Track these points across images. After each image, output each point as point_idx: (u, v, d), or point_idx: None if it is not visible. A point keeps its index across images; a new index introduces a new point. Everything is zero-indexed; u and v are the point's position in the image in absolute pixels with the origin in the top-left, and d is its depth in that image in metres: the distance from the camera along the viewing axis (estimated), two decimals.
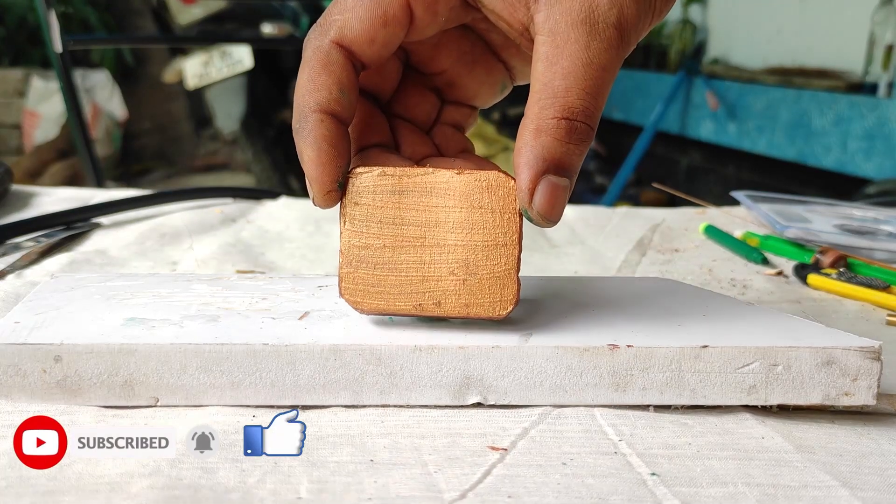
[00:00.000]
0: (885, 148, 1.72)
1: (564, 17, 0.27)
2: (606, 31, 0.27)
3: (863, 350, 0.29)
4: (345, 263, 0.29)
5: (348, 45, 0.28)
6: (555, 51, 0.27)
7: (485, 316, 0.29)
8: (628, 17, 0.27)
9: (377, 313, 0.30)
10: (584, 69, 0.26)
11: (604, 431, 0.28)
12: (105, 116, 2.27)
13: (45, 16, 1.01)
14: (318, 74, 0.28)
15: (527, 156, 0.27)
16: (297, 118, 0.28)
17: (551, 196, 0.27)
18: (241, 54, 2.11)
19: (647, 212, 0.68)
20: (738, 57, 2.38)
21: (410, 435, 0.27)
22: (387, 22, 0.28)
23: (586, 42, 0.26)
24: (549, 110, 0.27)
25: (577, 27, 0.26)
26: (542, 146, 0.27)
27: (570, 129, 0.27)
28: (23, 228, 0.50)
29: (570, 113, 0.27)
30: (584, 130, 0.27)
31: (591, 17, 0.26)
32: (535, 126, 0.27)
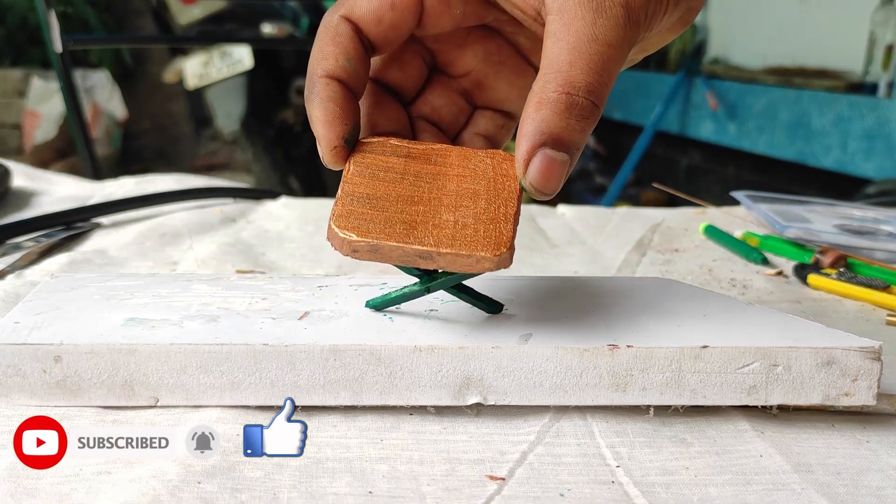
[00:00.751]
0: (885, 148, 1.72)
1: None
2: (613, 8, 0.27)
3: (863, 350, 0.29)
4: (341, 201, 0.28)
5: (356, 20, 0.30)
6: (562, 27, 0.27)
7: (478, 254, 0.27)
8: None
9: (366, 250, 0.27)
10: (589, 44, 0.26)
11: (602, 455, 0.27)
12: (105, 116, 2.27)
13: (45, 16, 1.01)
14: (326, 45, 0.29)
15: (526, 127, 0.27)
16: (307, 86, 0.29)
17: (546, 169, 0.27)
18: (241, 54, 2.11)
19: (647, 212, 0.68)
20: (738, 57, 2.37)
21: (409, 461, 0.27)
22: (394, 5, 0.29)
23: (592, 19, 0.27)
24: (552, 84, 0.27)
25: (584, 5, 0.27)
26: (542, 119, 0.27)
27: (570, 103, 0.27)
28: (23, 228, 0.50)
29: (572, 87, 0.27)
30: (587, 106, 0.27)
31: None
32: (537, 99, 0.27)
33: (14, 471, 0.24)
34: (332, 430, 0.28)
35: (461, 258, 0.27)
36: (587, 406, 0.30)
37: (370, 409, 0.30)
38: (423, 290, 0.31)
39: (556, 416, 0.30)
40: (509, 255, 0.28)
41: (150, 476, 0.24)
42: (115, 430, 0.27)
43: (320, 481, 0.25)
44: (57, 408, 0.28)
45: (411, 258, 0.27)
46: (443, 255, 0.27)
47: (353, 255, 0.27)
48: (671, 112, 2.38)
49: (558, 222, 0.64)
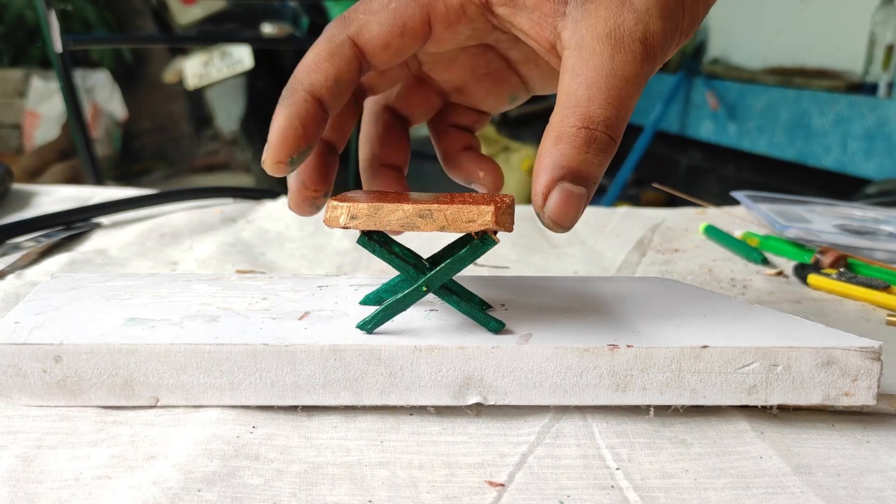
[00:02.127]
0: (885, 148, 1.72)
1: (590, 32, 0.27)
2: (632, 44, 0.27)
3: (863, 350, 0.29)
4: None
5: (362, 44, 0.29)
6: (580, 63, 0.27)
7: (480, 206, 0.27)
8: (654, 33, 0.27)
9: (365, 214, 0.28)
10: (608, 79, 0.27)
11: (602, 456, 0.27)
12: (105, 116, 2.27)
13: (45, 15, 1.01)
14: (323, 59, 0.29)
15: (545, 161, 0.27)
16: (287, 88, 0.29)
17: (564, 203, 0.27)
18: (241, 54, 2.11)
19: (647, 212, 0.68)
20: (738, 57, 2.38)
21: (409, 465, 0.26)
22: (404, 33, 0.29)
23: (611, 54, 0.27)
24: (571, 118, 0.27)
25: (603, 41, 0.27)
26: (561, 153, 0.27)
27: (589, 137, 0.27)
28: (23, 228, 0.50)
29: (591, 122, 0.27)
30: (605, 140, 0.27)
31: (617, 31, 0.27)
32: (556, 133, 0.27)
33: (14, 475, 0.24)
34: (332, 431, 0.28)
35: (462, 211, 0.27)
36: (587, 406, 0.30)
37: (370, 410, 0.30)
38: (421, 287, 0.29)
39: (556, 416, 0.30)
40: (510, 217, 0.28)
41: (150, 483, 0.24)
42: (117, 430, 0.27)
43: (320, 489, 0.25)
44: (57, 408, 0.28)
45: (411, 219, 0.28)
46: (442, 211, 0.27)
47: (351, 222, 0.28)
48: (671, 112, 2.38)
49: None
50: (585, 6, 0.27)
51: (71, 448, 0.26)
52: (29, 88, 2.21)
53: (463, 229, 0.28)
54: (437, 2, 0.29)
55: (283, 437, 0.28)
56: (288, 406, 0.29)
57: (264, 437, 0.27)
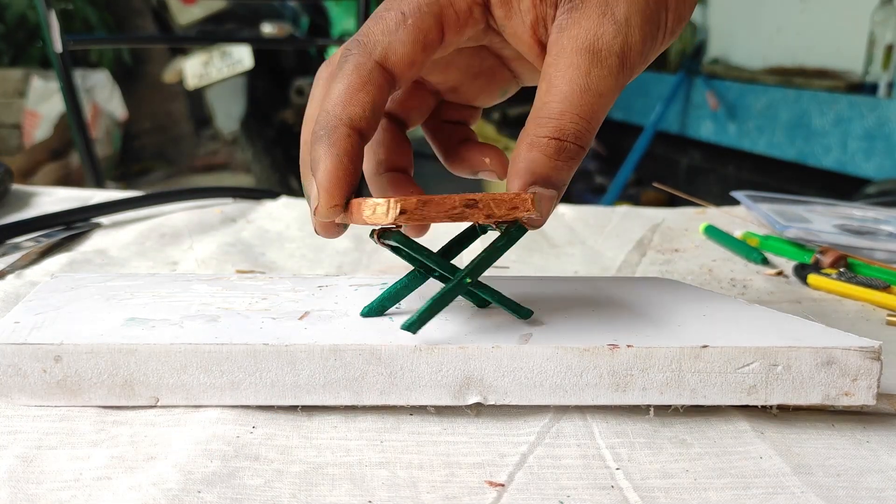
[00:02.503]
0: (885, 148, 1.72)
1: (570, 43, 0.28)
2: (609, 59, 0.28)
3: (863, 350, 0.29)
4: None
5: (391, 67, 0.29)
6: (557, 74, 0.28)
7: (521, 196, 0.28)
8: (632, 46, 0.28)
9: (414, 208, 0.27)
10: (581, 95, 0.28)
11: (602, 456, 0.27)
12: (105, 116, 2.27)
13: (45, 15, 1.01)
14: (357, 90, 0.28)
15: (518, 167, 0.29)
16: (322, 125, 0.28)
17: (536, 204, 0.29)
18: (241, 54, 2.11)
19: (647, 212, 0.68)
20: (738, 57, 2.38)
21: (409, 465, 0.26)
22: (426, 46, 0.29)
23: (587, 69, 0.28)
24: (543, 129, 0.28)
25: (581, 54, 0.28)
26: (532, 160, 0.28)
27: (559, 148, 0.28)
28: (23, 228, 0.50)
29: (562, 134, 0.28)
30: (574, 150, 0.29)
31: (595, 44, 0.28)
32: (528, 141, 0.29)
33: (14, 475, 0.24)
34: (332, 431, 0.28)
35: (505, 200, 0.28)
36: (587, 406, 0.30)
37: (370, 410, 0.30)
38: (465, 280, 0.29)
39: (556, 416, 0.30)
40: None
41: (150, 484, 0.24)
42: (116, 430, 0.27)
43: (320, 489, 0.25)
44: (57, 408, 0.28)
45: (460, 210, 0.28)
46: (487, 200, 0.28)
47: (400, 217, 0.27)
48: (671, 112, 2.38)
49: (558, 222, 0.64)
50: (571, 14, 0.28)
51: (71, 448, 0.26)
52: (29, 88, 2.21)
53: (507, 217, 0.29)
54: (447, 8, 0.29)
55: (283, 437, 0.28)
56: (288, 406, 0.29)
57: (264, 437, 0.27)
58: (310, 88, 0.33)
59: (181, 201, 0.62)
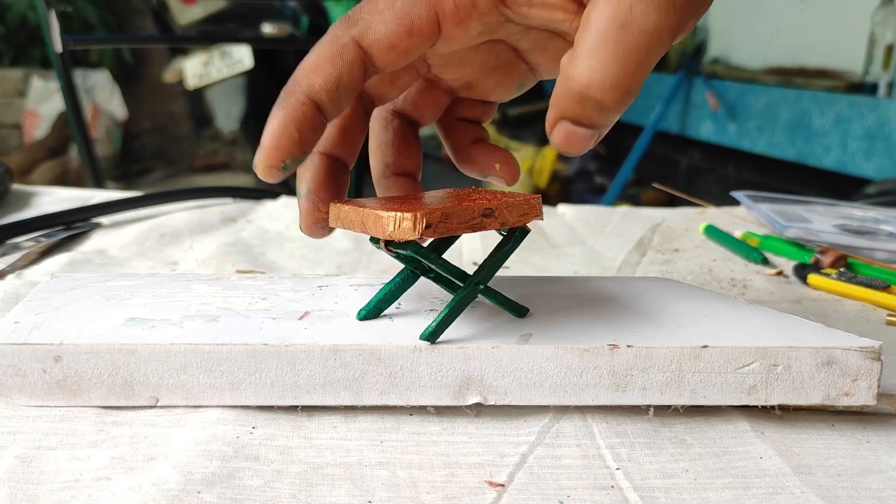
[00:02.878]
0: (885, 148, 1.72)
1: None
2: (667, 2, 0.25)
3: (863, 350, 0.29)
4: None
5: (367, 46, 0.28)
6: (597, 10, 0.25)
7: (526, 195, 0.29)
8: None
9: (438, 220, 0.27)
10: (618, 32, 0.25)
11: (602, 456, 0.27)
12: (105, 116, 2.27)
13: (45, 15, 1.01)
14: (325, 61, 0.28)
15: (553, 98, 0.26)
16: (285, 89, 0.28)
17: (566, 138, 0.27)
18: (241, 54, 2.11)
19: (647, 212, 0.68)
20: (738, 57, 2.38)
21: (409, 465, 0.26)
22: (412, 33, 0.28)
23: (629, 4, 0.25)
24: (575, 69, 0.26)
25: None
26: (560, 99, 0.26)
27: (583, 98, 0.26)
28: (23, 228, 0.50)
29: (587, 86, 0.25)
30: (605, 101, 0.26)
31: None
32: (562, 78, 0.26)
33: (13, 475, 0.24)
34: (332, 431, 0.28)
35: (517, 206, 0.29)
36: (587, 406, 0.30)
37: (370, 410, 0.30)
38: (478, 286, 0.30)
39: (556, 416, 0.30)
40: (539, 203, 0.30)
41: (149, 484, 0.24)
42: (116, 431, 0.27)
43: (320, 489, 0.25)
44: (57, 408, 0.28)
45: (479, 220, 0.28)
46: (502, 208, 0.29)
47: (427, 231, 0.27)
48: (671, 112, 2.38)
49: (558, 222, 0.64)
50: None
51: (71, 449, 0.26)
52: (29, 88, 2.21)
53: (519, 223, 0.29)
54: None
55: (283, 437, 0.28)
56: (288, 406, 0.29)
57: (264, 437, 0.27)
58: None
59: (181, 201, 0.62)
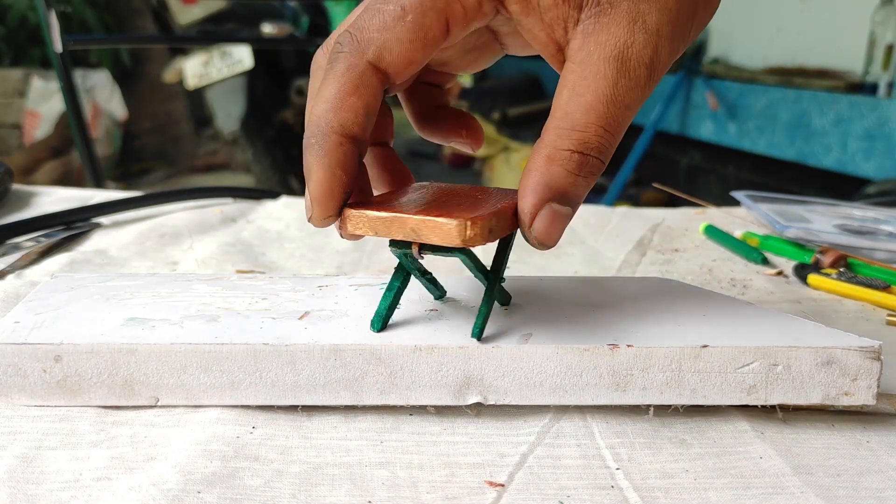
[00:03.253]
0: (885, 148, 1.72)
1: (598, 50, 0.26)
2: (637, 69, 0.26)
3: (863, 350, 0.29)
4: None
5: (385, 67, 0.27)
6: (582, 82, 0.26)
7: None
8: (661, 56, 0.27)
9: (485, 233, 0.27)
10: (607, 107, 0.26)
11: (602, 456, 0.27)
12: (105, 116, 2.27)
13: (45, 16, 1.01)
14: (349, 94, 0.27)
15: (534, 181, 0.27)
16: (314, 132, 0.27)
17: (551, 223, 0.27)
18: (241, 54, 2.11)
19: (647, 212, 0.68)
20: (738, 57, 2.37)
21: (409, 465, 0.26)
22: (427, 43, 0.27)
23: (615, 79, 0.26)
24: (566, 141, 0.27)
25: (609, 62, 0.26)
26: (551, 175, 0.27)
27: (582, 162, 0.27)
28: (23, 228, 0.50)
29: (585, 147, 0.27)
30: (596, 165, 0.27)
31: (625, 54, 0.26)
32: (547, 153, 0.27)
33: (14, 475, 0.24)
34: (332, 431, 0.28)
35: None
36: (587, 406, 0.30)
37: (370, 410, 0.30)
38: (503, 280, 0.31)
39: (556, 416, 0.30)
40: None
41: (149, 484, 0.24)
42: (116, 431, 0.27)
43: (320, 489, 0.25)
44: (57, 408, 0.28)
45: (513, 219, 0.28)
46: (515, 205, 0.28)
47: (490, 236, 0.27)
48: (671, 112, 2.38)
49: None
50: (599, 19, 0.26)
51: (71, 449, 0.26)
52: (29, 88, 2.21)
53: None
54: (454, 3, 0.27)
55: (283, 437, 0.28)
56: (288, 406, 0.29)
57: (264, 437, 0.27)
58: None
59: (181, 201, 0.62)
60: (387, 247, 0.30)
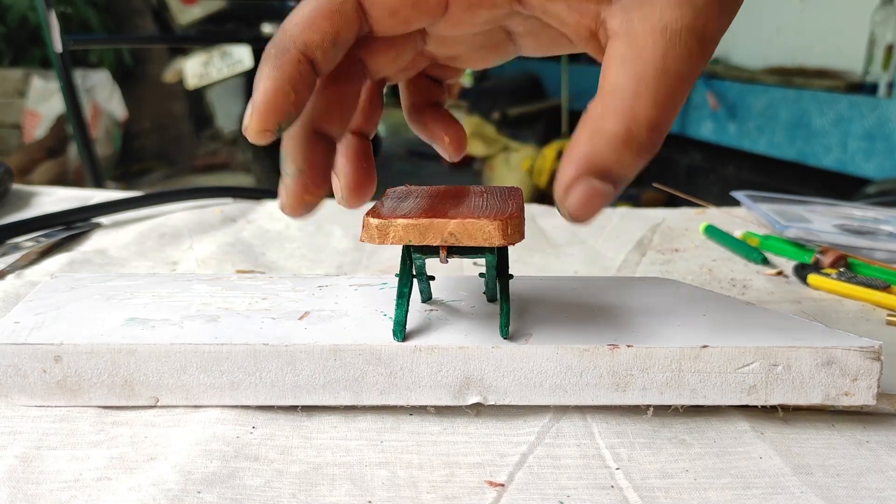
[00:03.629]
0: (885, 148, 1.72)
1: (643, 23, 0.25)
2: (689, 40, 0.25)
3: (863, 350, 0.29)
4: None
5: (367, 6, 0.27)
6: (630, 54, 0.25)
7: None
8: (712, 29, 0.25)
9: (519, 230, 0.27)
10: (658, 76, 0.25)
11: (601, 456, 0.27)
12: (105, 116, 2.27)
13: (45, 16, 1.01)
14: (322, 17, 0.26)
15: (575, 152, 0.26)
16: (275, 44, 0.26)
17: (585, 198, 0.26)
18: (241, 54, 2.11)
19: (647, 212, 0.68)
20: (738, 57, 2.37)
21: (409, 465, 0.26)
22: (417, 4, 0.27)
23: (664, 49, 0.25)
24: (612, 114, 0.25)
25: (657, 33, 0.25)
26: (594, 150, 0.25)
27: (628, 137, 0.25)
28: (23, 228, 0.50)
29: (634, 122, 0.25)
30: (646, 142, 0.25)
31: (673, 24, 0.25)
32: (593, 126, 0.26)
33: (14, 475, 0.24)
34: (332, 431, 0.28)
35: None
36: (587, 406, 0.30)
37: (370, 410, 0.30)
38: (510, 277, 0.31)
39: (556, 416, 0.30)
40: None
41: (150, 484, 0.24)
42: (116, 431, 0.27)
43: (320, 489, 0.25)
44: (57, 408, 0.28)
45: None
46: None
47: (517, 235, 0.27)
48: None
49: (558, 222, 0.64)
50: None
51: (71, 449, 0.26)
52: (29, 88, 2.21)
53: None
54: None
55: (283, 437, 0.28)
56: (288, 406, 0.29)
57: (264, 437, 0.27)
58: None
59: (181, 201, 0.62)
60: (387, 247, 0.30)
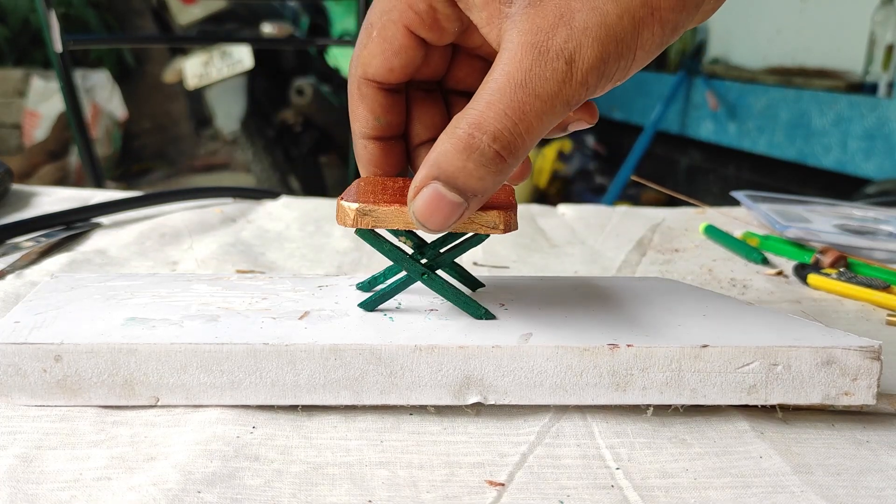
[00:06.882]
0: (885, 148, 1.72)
1: (518, 37, 0.26)
2: (554, 62, 0.25)
3: (863, 350, 0.29)
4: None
5: (372, 77, 0.31)
6: (499, 65, 0.26)
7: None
8: (585, 58, 0.25)
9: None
10: (514, 89, 0.25)
11: (601, 456, 0.27)
12: (105, 116, 2.27)
13: (45, 16, 1.01)
14: (356, 106, 0.32)
15: (430, 156, 0.26)
16: (355, 140, 0.33)
17: (432, 203, 0.26)
18: (241, 54, 2.11)
19: (647, 212, 0.68)
20: (738, 57, 2.37)
21: (409, 465, 0.26)
22: (397, 52, 0.30)
23: (529, 66, 0.25)
24: (463, 119, 0.25)
25: (527, 49, 0.25)
26: (441, 152, 0.26)
27: (470, 145, 0.25)
28: (23, 228, 0.50)
29: (478, 129, 0.25)
30: (489, 154, 0.25)
31: (543, 43, 0.25)
32: (449, 129, 0.26)
33: (14, 475, 0.24)
34: (332, 431, 0.28)
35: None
36: (587, 406, 0.30)
37: (370, 410, 0.30)
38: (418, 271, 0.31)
39: (556, 416, 0.30)
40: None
41: (149, 484, 0.24)
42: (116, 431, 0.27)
43: (320, 489, 0.25)
44: (57, 408, 0.28)
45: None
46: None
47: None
48: (671, 112, 2.38)
49: (558, 222, 0.64)
50: (527, 10, 0.26)
51: (71, 448, 0.26)
52: (29, 88, 2.21)
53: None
54: (406, 12, 0.29)
55: (283, 437, 0.28)
56: (288, 406, 0.29)
57: (264, 437, 0.27)
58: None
59: (181, 201, 0.62)
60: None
